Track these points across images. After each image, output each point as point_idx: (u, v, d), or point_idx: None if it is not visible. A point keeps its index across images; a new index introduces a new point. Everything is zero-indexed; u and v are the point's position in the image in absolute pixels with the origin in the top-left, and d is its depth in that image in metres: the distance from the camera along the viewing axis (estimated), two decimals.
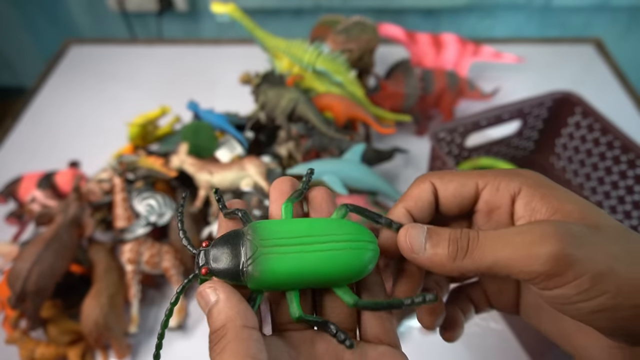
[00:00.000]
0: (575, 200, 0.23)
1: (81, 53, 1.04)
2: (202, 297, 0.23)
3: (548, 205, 0.23)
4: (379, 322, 0.25)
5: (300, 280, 0.23)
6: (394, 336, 0.25)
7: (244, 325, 0.21)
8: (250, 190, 0.60)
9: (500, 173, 0.25)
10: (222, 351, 0.21)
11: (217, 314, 0.22)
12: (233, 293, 0.22)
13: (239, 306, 0.22)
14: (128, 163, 0.61)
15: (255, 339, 0.21)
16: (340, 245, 0.23)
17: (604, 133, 0.64)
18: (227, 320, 0.21)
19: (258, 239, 0.23)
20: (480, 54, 0.88)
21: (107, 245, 0.60)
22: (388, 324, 0.25)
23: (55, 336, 0.54)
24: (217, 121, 0.67)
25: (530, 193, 0.23)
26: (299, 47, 0.69)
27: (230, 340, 0.21)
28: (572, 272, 0.20)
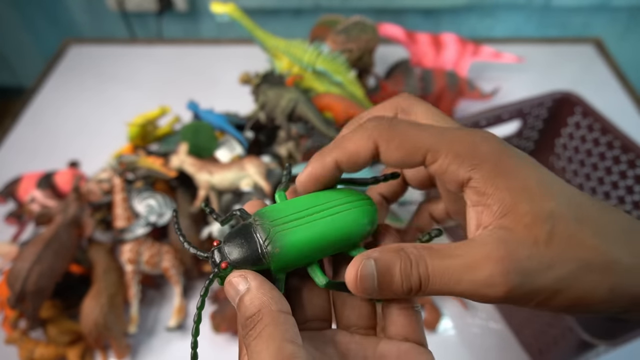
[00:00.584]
0: (530, 195, 0.21)
1: (81, 53, 1.04)
2: (231, 286, 0.22)
3: (500, 202, 0.21)
4: (405, 318, 0.24)
5: (319, 246, 0.24)
6: (421, 333, 0.25)
7: (280, 310, 0.21)
8: (250, 190, 0.60)
9: (454, 148, 0.22)
10: (258, 336, 0.20)
11: (250, 301, 0.21)
12: (264, 280, 0.22)
13: (272, 292, 0.22)
14: (128, 163, 0.61)
15: (291, 324, 0.21)
16: (344, 207, 0.24)
17: (604, 133, 0.64)
18: (261, 305, 0.21)
19: (267, 221, 0.23)
20: (480, 54, 0.88)
21: (107, 245, 0.60)
22: (415, 320, 0.24)
23: (54, 336, 0.54)
24: (217, 121, 0.67)
25: (482, 183, 0.21)
26: (298, 47, 0.69)
27: (267, 324, 0.20)
28: (522, 301, 0.21)
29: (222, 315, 0.55)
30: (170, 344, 0.58)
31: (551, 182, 0.22)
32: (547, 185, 0.21)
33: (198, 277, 0.62)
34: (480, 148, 0.22)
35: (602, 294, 0.20)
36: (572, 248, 0.20)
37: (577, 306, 0.21)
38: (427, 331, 0.58)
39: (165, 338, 0.58)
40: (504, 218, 0.21)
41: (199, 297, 0.23)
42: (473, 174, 0.21)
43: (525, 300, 0.20)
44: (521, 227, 0.20)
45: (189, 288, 0.62)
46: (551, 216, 0.20)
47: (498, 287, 0.20)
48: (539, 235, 0.20)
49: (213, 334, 0.57)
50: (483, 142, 0.22)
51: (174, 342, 0.58)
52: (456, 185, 0.22)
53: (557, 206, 0.21)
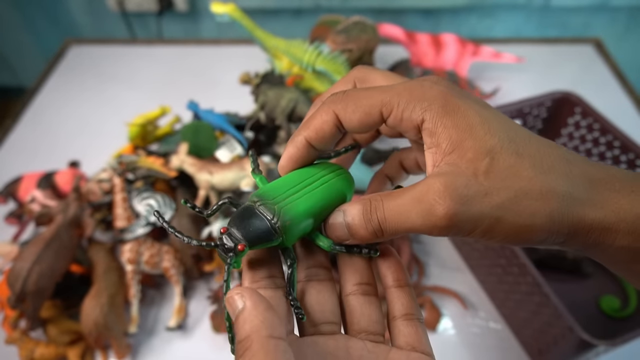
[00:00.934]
0: (474, 132, 0.22)
1: (81, 53, 1.05)
2: (229, 304, 0.22)
3: (448, 140, 0.22)
4: (411, 329, 0.25)
5: (319, 213, 0.26)
6: (427, 343, 0.25)
7: (270, 336, 0.20)
8: (250, 190, 0.60)
9: (404, 96, 0.24)
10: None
11: (243, 323, 0.21)
12: (260, 300, 0.22)
13: (265, 314, 0.21)
14: (128, 163, 0.61)
15: (282, 350, 0.20)
16: (330, 177, 0.27)
17: (604, 133, 0.64)
18: (251, 330, 0.21)
19: (268, 200, 0.25)
20: (480, 54, 0.88)
21: (107, 245, 0.60)
22: (421, 330, 0.25)
23: (55, 336, 0.54)
24: (217, 121, 0.67)
25: (433, 124, 0.23)
26: (298, 47, 0.69)
27: (255, 353, 0.20)
28: (466, 229, 0.22)
29: (222, 316, 0.55)
30: (170, 343, 0.58)
31: (494, 119, 0.23)
32: (490, 122, 0.23)
33: (198, 277, 0.62)
34: (429, 92, 0.23)
35: (541, 221, 0.21)
36: (510, 178, 0.22)
37: (520, 235, 0.22)
38: (428, 331, 0.58)
39: (165, 338, 0.58)
40: (451, 155, 0.22)
41: (223, 284, 0.23)
42: (425, 115, 0.23)
43: (469, 229, 0.22)
44: (464, 162, 0.22)
45: (189, 288, 0.62)
46: (491, 150, 0.22)
47: (440, 216, 0.21)
48: (478, 168, 0.22)
49: (213, 334, 0.57)
50: (432, 86, 0.24)
51: (174, 342, 0.58)
52: (414, 131, 0.24)
53: (498, 141, 0.22)
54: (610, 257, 0.23)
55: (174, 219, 0.60)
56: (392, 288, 0.26)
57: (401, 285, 0.26)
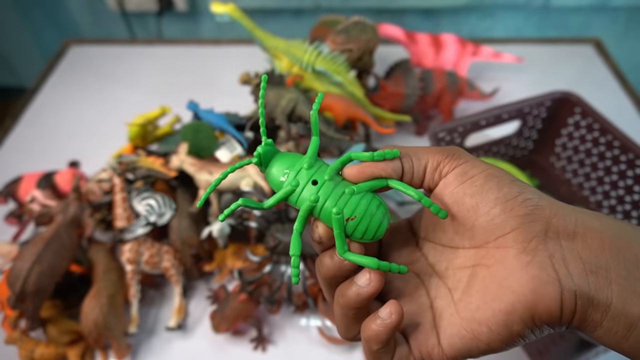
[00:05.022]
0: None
1: (81, 53, 1.04)
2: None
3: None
4: None
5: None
6: None
7: None
8: (250, 190, 0.60)
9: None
10: None
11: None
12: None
13: None
14: (128, 163, 0.61)
15: None
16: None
17: (603, 133, 0.64)
18: None
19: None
20: (480, 54, 0.88)
21: (107, 245, 0.60)
22: None
23: (54, 336, 0.54)
24: (216, 121, 0.67)
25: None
26: (298, 47, 0.69)
27: None
28: (467, 156, 0.26)
29: (222, 315, 0.55)
30: (170, 344, 0.58)
31: None
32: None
33: (198, 277, 0.62)
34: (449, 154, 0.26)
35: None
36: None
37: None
38: None
39: (165, 338, 0.58)
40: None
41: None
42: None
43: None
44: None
45: (189, 288, 0.62)
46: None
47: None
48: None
49: (213, 334, 0.57)
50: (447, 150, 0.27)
51: (174, 342, 0.58)
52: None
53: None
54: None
55: (174, 219, 0.60)
56: None
57: None
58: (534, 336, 0.23)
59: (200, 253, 0.61)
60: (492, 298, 0.23)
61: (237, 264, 0.60)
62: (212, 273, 0.64)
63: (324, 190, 0.25)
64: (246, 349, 0.57)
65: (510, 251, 0.23)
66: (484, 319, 0.23)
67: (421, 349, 0.25)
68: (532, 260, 0.22)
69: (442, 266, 0.27)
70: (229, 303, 0.55)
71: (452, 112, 0.80)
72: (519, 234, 0.23)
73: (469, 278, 0.25)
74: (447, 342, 0.24)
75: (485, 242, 0.24)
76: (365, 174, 0.25)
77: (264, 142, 0.26)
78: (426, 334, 0.25)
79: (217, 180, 0.25)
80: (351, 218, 0.24)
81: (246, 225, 0.59)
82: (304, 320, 0.59)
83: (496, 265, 0.23)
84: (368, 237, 0.25)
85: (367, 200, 0.25)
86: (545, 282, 0.22)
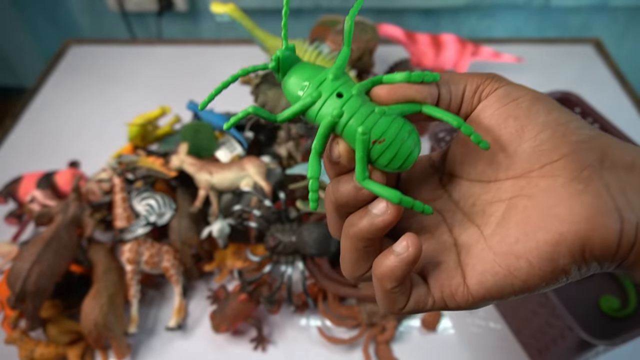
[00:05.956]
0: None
1: (81, 53, 1.04)
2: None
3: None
4: None
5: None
6: None
7: None
8: (250, 190, 0.60)
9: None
10: None
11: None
12: None
13: None
14: (128, 163, 0.61)
15: None
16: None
17: None
18: None
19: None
20: (480, 54, 0.88)
21: (107, 245, 0.60)
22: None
23: (54, 336, 0.54)
24: (217, 121, 0.67)
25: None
26: (298, 47, 0.69)
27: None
28: (508, 79, 0.24)
29: (222, 315, 0.55)
30: (171, 343, 0.58)
31: None
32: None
33: (198, 277, 0.62)
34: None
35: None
36: None
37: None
38: (427, 331, 0.58)
39: (165, 338, 0.58)
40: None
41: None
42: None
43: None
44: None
45: (189, 288, 0.62)
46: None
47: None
48: None
49: (213, 334, 0.57)
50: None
51: (174, 342, 0.58)
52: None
53: None
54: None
55: (174, 219, 0.60)
56: None
57: None
58: (579, 274, 0.20)
59: (200, 253, 0.61)
60: (535, 229, 0.20)
61: (237, 264, 0.60)
62: (212, 273, 0.64)
63: (350, 105, 0.22)
64: (246, 349, 0.57)
65: (559, 180, 0.20)
66: (523, 252, 0.20)
67: (443, 289, 0.23)
68: (586, 189, 0.19)
69: (468, 203, 0.24)
70: (229, 303, 0.55)
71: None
72: (570, 161, 0.20)
73: (504, 211, 0.22)
74: (476, 279, 0.22)
75: (527, 171, 0.21)
76: (397, 95, 0.22)
77: (285, 47, 0.23)
78: (449, 273, 0.23)
79: (224, 82, 0.23)
80: (379, 141, 0.21)
81: (246, 225, 0.59)
82: (304, 320, 0.60)
83: (541, 194, 0.21)
84: (394, 166, 0.22)
85: (399, 124, 0.21)
86: (602, 211, 0.19)
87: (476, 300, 0.22)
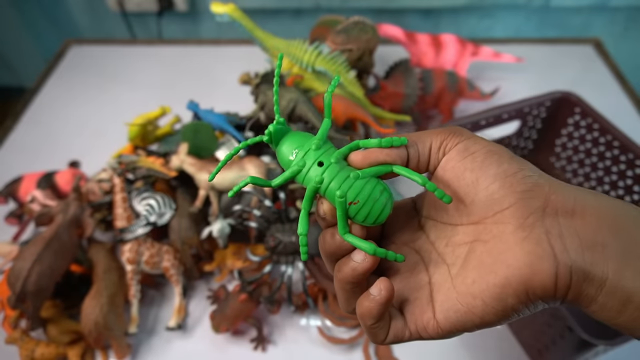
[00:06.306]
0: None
1: (81, 53, 1.05)
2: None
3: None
4: None
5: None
6: None
7: None
8: (250, 190, 0.60)
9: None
10: None
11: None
12: None
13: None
14: (128, 163, 0.61)
15: None
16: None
17: (603, 133, 0.64)
18: None
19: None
20: (480, 54, 0.88)
21: (107, 245, 0.60)
22: None
23: (55, 336, 0.54)
24: (217, 121, 0.67)
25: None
26: (298, 48, 0.69)
27: None
28: (469, 133, 0.26)
29: (222, 315, 0.55)
30: (171, 343, 0.58)
31: None
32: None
33: (198, 277, 0.62)
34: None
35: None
36: None
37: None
38: None
39: (165, 338, 0.58)
40: None
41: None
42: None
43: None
44: None
45: (189, 288, 0.62)
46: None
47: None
48: None
49: (213, 334, 0.57)
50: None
51: (174, 342, 0.58)
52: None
53: None
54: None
55: (174, 219, 0.60)
56: None
57: None
58: (528, 311, 0.23)
59: (200, 253, 0.61)
60: (487, 272, 0.23)
61: (237, 264, 0.60)
62: (212, 273, 0.64)
63: (329, 172, 0.25)
64: (246, 349, 0.57)
65: (508, 227, 0.23)
66: (478, 292, 0.23)
67: (417, 322, 0.26)
68: (529, 236, 0.22)
69: (442, 243, 0.27)
70: (229, 303, 0.55)
71: (452, 112, 0.80)
72: (516, 209, 0.23)
73: (466, 254, 0.25)
74: (443, 315, 0.25)
75: (483, 218, 0.24)
76: (369, 159, 0.26)
77: (276, 121, 0.27)
78: (422, 308, 0.26)
79: (229, 155, 0.26)
80: (354, 202, 0.25)
81: (246, 225, 0.59)
82: (304, 320, 0.60)
83: (493, 240, 0.24)
84: (369, 222, 0.25)
85: (372, 185, 0.25)
86: (541, 257, 0.22)
87: (444, 332, 0.25)
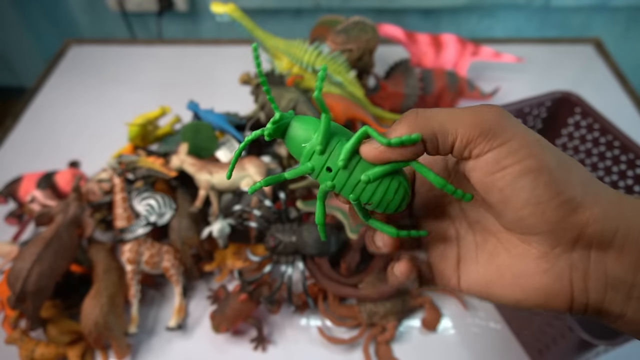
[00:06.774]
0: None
1: (81, 53, 1.05)
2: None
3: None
4: None
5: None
6: None
7: None
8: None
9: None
10: None
11: None
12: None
13: None
14: (128, 163, 0.61)
15: None
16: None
17: (604, 133, 0.64)
18: None
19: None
20: (480, 54, 0.88)
21: (107, 245, 0.60)
22: None
23: (55, 336, 0.54)
24: (217, 121, 0.67)
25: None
26: (298, 47, 0.69)
27: None
28: (506, 134, 0.22)
29: (222, 315, 0.55)
30: (171, 343, 0.58)
31: None
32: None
33: (198, 277, 0.62)
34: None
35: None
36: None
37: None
38: (427, 331, 0.58)
39: (165, 338, 0.58)
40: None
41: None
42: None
43: (503, 137, 0.23)
44: None
45: (189, 288, 0.62)
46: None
47: (490, 111, 0.24)
48: None
49: (213, 334, 0.57)
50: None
51: (174, 342, 0.58)
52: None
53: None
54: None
55: (174, 219, 0.60)
56: None
57: None
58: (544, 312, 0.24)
59: (200, 253, 0.61)
60: (505, 284, 0.24)
61: (237, 264, 0.60)
62: (212, 273, 0.64)
63: (338, 180, 0.25)
64: (246, 349, 0.57)
65: (532, 251, 0.23)
66: (497, 291, 0.25)
67: (443, 283, 0.28)
68: (551, 269, 0.22)
69: (473, 215, 0.27)
70: (229, 303, 0.55)
71: None
72: (545, 239, 0.22)
73: (491, 250, 0.25)
74: (466, 286, 0.26)
75: (511, 229, 0.24)
76: (382, 160, 0.24)
77: (272, 121, 0.25)
78: (448, 276, 0.27)
79: (238, 151, 0.25)
80: (368, 204, 0.25)
81: (246, 225, 0.59)
82: (304, 320, 0.60)
83: (516, 257, 0.24)
84: (390, 212, 0.26)
85: (384, 187, 0.25)
86: (557, 294, 0.22)
87: (467, 294, 0.27)
